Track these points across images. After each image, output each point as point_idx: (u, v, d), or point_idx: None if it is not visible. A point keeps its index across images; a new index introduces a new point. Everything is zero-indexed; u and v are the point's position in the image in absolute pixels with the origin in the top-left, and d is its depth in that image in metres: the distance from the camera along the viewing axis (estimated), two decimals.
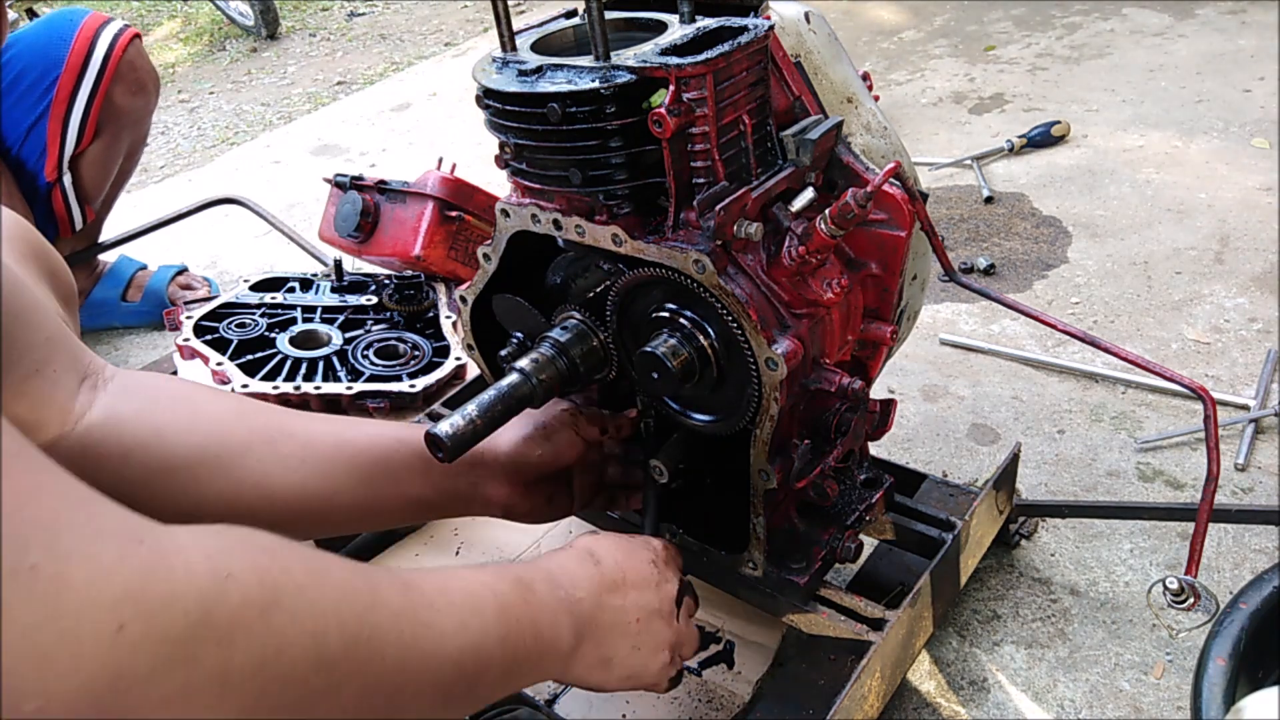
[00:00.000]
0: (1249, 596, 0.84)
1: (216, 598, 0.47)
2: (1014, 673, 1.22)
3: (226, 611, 0.47)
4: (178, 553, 0.47)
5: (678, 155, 0.88)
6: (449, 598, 0.65)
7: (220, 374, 1.64)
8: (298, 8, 5.02)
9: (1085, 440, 1.57)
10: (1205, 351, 1.75)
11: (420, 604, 0.61)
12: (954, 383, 1.74)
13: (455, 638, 0.63)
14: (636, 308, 1.00)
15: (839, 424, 1.00)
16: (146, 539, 0.46)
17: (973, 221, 2.26)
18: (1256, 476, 1.47)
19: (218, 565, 0.48)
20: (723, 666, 1.22)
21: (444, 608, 0.63)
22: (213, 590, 0.47)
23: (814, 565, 1.08)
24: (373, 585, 0.59)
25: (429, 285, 1.90)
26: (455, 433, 0.89)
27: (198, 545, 0.48)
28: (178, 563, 0.46)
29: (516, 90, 0.89)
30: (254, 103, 3.88)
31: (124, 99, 1.98)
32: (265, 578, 0.50)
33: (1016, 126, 2.64)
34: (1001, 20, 3.45)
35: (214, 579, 0.47)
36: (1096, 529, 1.40)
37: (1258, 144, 2.42)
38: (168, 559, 0.46)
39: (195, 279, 2.33)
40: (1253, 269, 1.95)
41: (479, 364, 1.21)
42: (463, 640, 0.63)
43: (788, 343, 0.90)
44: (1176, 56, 2.97)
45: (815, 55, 1.02)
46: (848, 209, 0.88)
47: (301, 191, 2.90)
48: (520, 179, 0.99)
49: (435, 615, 0.62)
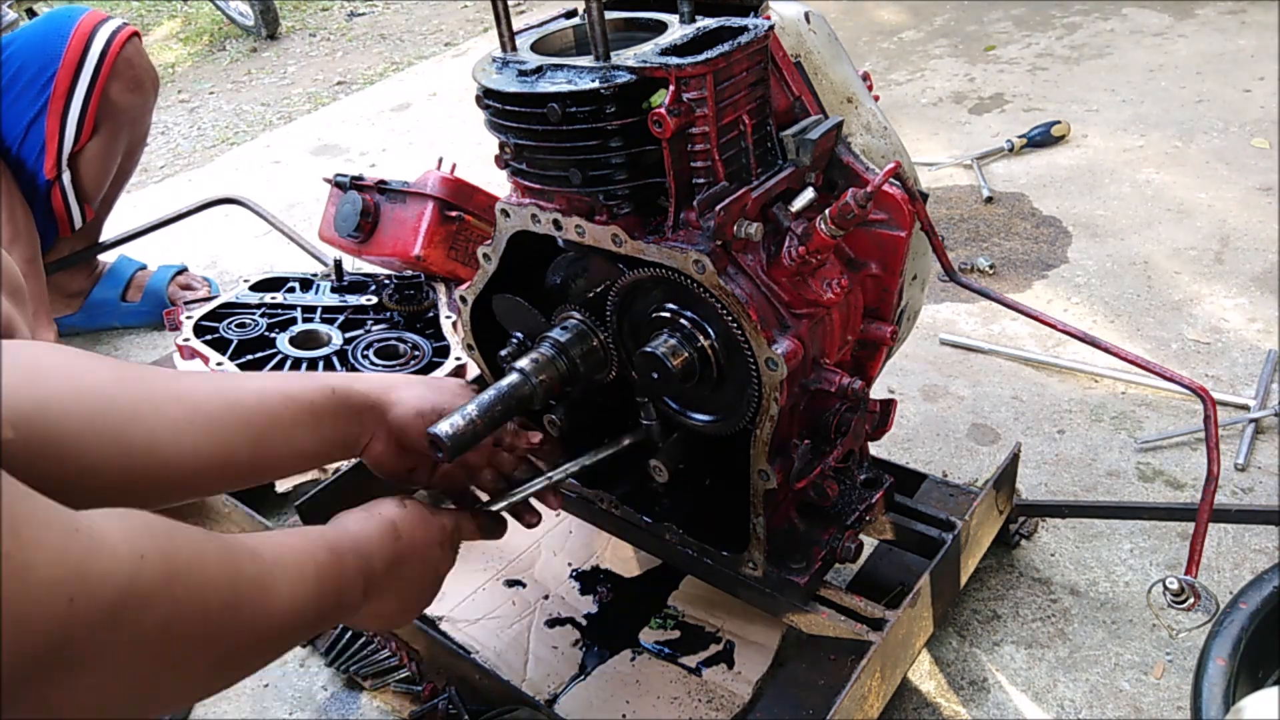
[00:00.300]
0: (1249, 596, 0.84)
1: (136, 573, 0.60)
2: (1014, 673, 1.22)
3: (144, 584, 0.61)
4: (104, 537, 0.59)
5: (678, 155, 0.88)
6: (284, 566, 0.78)
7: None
8: (298, 8, 5.02)
9: (1085, 440, 1.57)
10: (1205, 351, 1.75)
11: (263, 572, 0.76)
12: (954, 383, 1.74)
13: (287, 600, 0.77)
14: (636, 308, 1.00)
15: (839, 424, 1.00)
16: (80, 527, 0.58)
17: (973, 221, 2.26)
18: (1256, 476, 1.47)
19: (134, 547, 0.61)
20: (723, 666, 1.22)
21: (280, 575, 0.77)
22: (132, 568, 0.60)
23: (814, 565, 1.08)
24: (234, 558, 0.73)
25: (429, 285, 1.90)
26: (455, 432, 0.89)
27: (117, 529, 0.61)
28: (105, 545, 0.59)
29: (516, 90, 0.89)
30: (254, 103, 3.88)
31: (121, 95, 1.98)
32: (167, 556, 0.64)
33: (1016, 126, 2.64)
34: (1001, 20, 3.45)
35: (133, 559, 0.61)
36: (1096, 529, 1.40)
37: (1258, 144, 2.42)
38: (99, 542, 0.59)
39: (195, 279, 2.33)
40: (1253, 269, 1.95)
41: (479, 364, 1.21)
42: (293, 599, 0.78)
43: (788, 343, 0.90)
44: (1176, 56, 2.97)
45: (815, 55, 1.02)
46: (848, 209, 0.88)
47: (301, 191, 2.90)
48: (520, 179, 0.99)
49: (275, 581, 0.76)
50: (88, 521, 0.60)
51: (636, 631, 1.28)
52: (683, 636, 1.26)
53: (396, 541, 0.94)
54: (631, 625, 1.29)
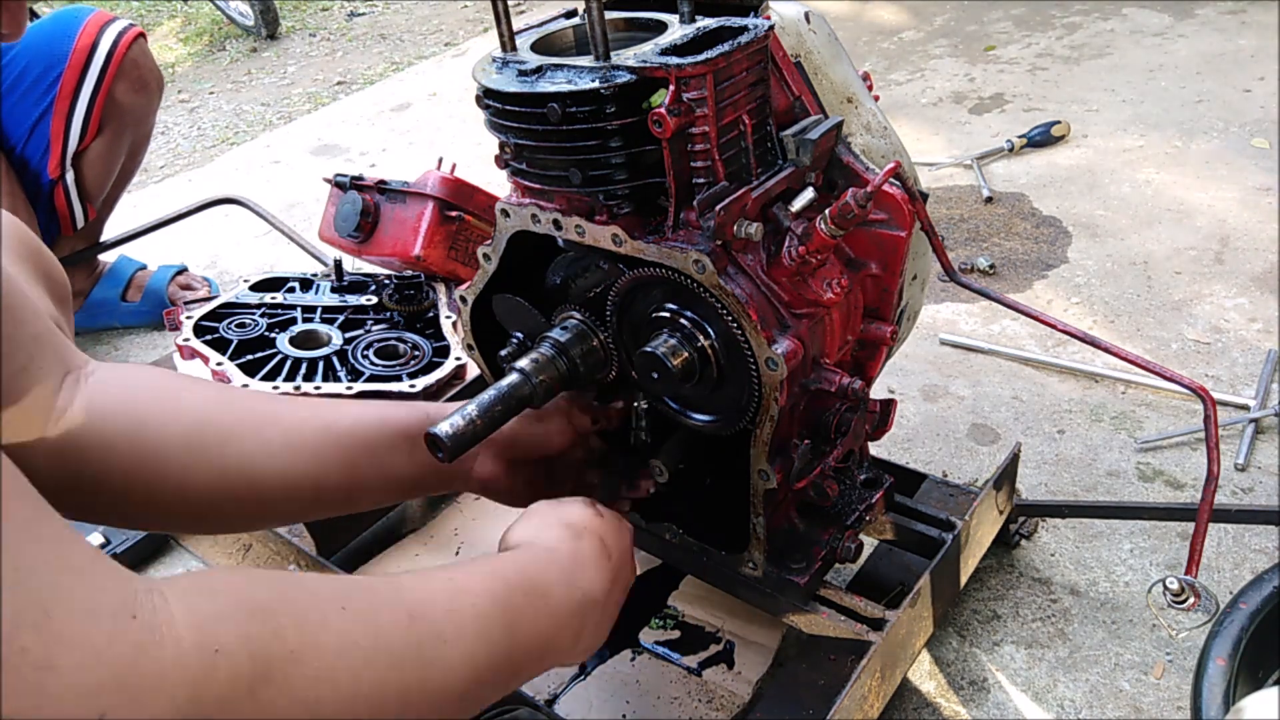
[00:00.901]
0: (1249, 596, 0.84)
1: (204, 678, 0.46)
2: (1014, 673, 1.22)
3: (214, 692, 0.46)
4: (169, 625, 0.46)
5: (678, 155, 0.88)
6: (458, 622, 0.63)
7: (220, 374, 1.64)
8: (298, 8, 5.02)
9: (1085, 440, 1.57)
10: (1205, 351, 1.75)
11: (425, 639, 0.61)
12: (954, 383, 1.74)
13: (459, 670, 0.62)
14: (636, 308, 1.00)
15: (839, 424, 1.00)
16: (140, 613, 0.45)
17: (973, 221, 2.26)
18: (1256, 476, 1.47)
19: (207, 639, 0.47)
20: (723, 666, 1.22)
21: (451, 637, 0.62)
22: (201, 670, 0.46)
23: (814, 565, 1.08)
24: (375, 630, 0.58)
25: (429, 285, 1.90)
26: (455, 432, 0.89)
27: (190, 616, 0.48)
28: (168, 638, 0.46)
29: (516, 90, 0.89)
30: (254, 103, 3.88)
31: (126, 96, 1.98)
32: (255, 648, 0.49)
33: (1016, 126, 2.64)
34: (1001, 20, 3.45)
35: (202, 656, 0.46)
36: (1096, 529, 1.40)
37: (1258, 144, 2.42)
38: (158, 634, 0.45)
39: (195, 279, 2.33)
40: (1253, 269, 1.95)
41: (479, 364, 1.21)
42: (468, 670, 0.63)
43: (788, 343, 0.90)
44: (1176, 56, 2.97)
45: (815, 55, 1.02)
46: (848, 209, 0.88)
47: (301, 191, 2.90)
48: (520, 179, 0.99)
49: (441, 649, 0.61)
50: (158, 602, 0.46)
51: (636, 631, 1.28)
52: (683, 636, 1.26)
53: (610, 560, 0.83)
54: (631, 625, 1.29)
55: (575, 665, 0.86)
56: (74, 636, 0.41)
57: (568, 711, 1.18)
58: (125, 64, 1.96)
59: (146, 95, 2.04)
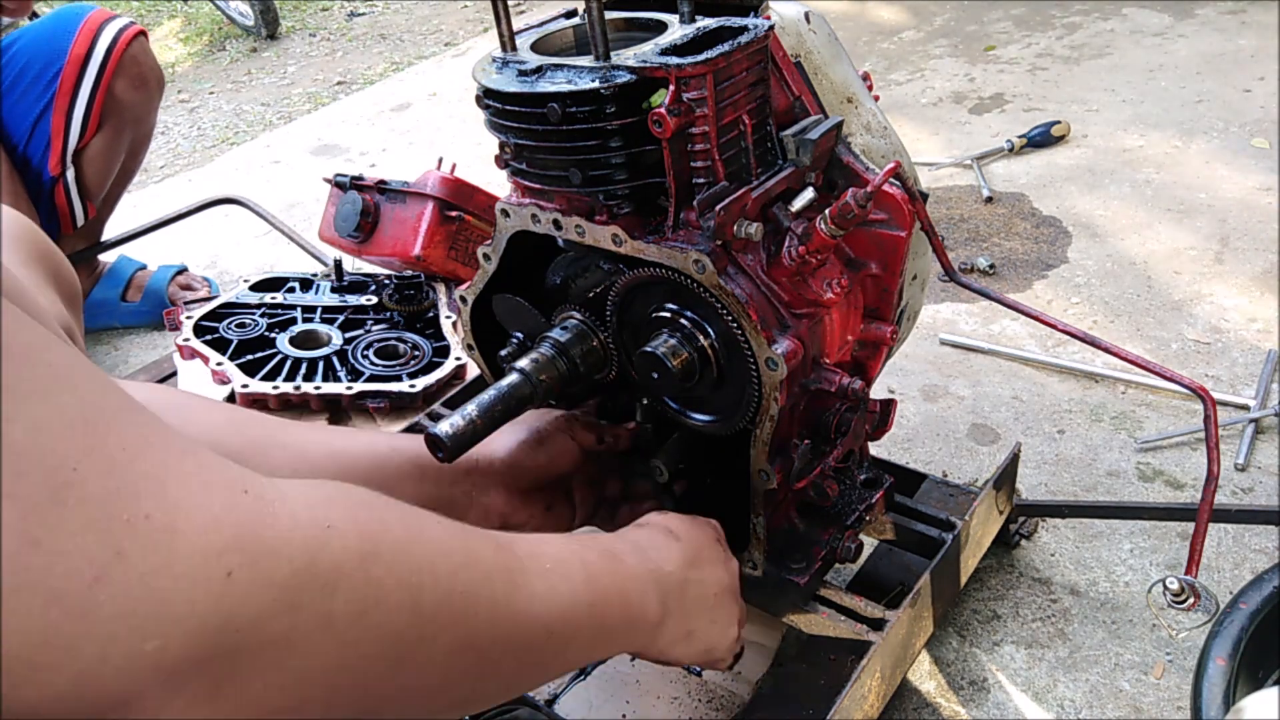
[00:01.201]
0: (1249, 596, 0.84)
1: (319, 546, 0.48)
2: (1014, 673, 1.22)
3: (329, 560, 0.49)
4: (282, 502, 0.49)
5: (678, 155, 0.88)
6: (539, 562, 0.66)
7: (220, 374, 1.64)
8: (298, 8, 5.02)
9: (1085, 440, 1.57)
10: (1205, 351, 1.75)
11: (513, 565, 0.63)
12: (954, 383, 1.74)
13: (544, 600, 0.65)
14: (636, 308, 1.00)
15: (839, 424, 1.00)
16: (251, 488, 0.48)
17: (973, 221, 2.26)
18: (1256, 476, 1.47)
19: (319, 515, 0.50)
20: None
21: (535, 571, 0.65)
22: (315, 539, 0.49)
23: (814, 565, 1.08)
24: (467, 543, 0.61)
25: (429, 285, 1.90)
26: (455, 432, 0.89)
27: (300, 496, 0.50)
28: (282, 511, 0.48)
29: (516, 90, 0.89)
30: (254, 103, 3.88)
31: (126, 92, 1.98)
32: (365, 529, 0.52)
33: (1016, 126, 2.64)
34: (1001, 20, 3.45)
35: (316, 528, 0.49)
36: (1096, 529, 1.40)
37: (1258, 144, 2.42)
38: (272, 507, 0.48)
39: (195, 279, 2.33)
40: (1253, 269, 1.95)
41: (479, 364, 1.21)
42: (552, 603, 0.65)
43: (788, 343, 0.90)
44: (1176, 56, 2.97)
45: (815, 55, 1.02)
46: (848, 209, 0.88)
47: (301, 191, 2.90)
48: (520, 179, 0.99)
49: (526, 578, 0.64)
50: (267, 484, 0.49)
51: None
52: None
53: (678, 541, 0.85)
54: None
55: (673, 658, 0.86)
56: (193, 504, 0.44)
57: (568, 711, 1.18)
58: (125, 60, 1.96)
59: (146, 92, 2.04)
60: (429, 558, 0.56)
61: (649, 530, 0.87)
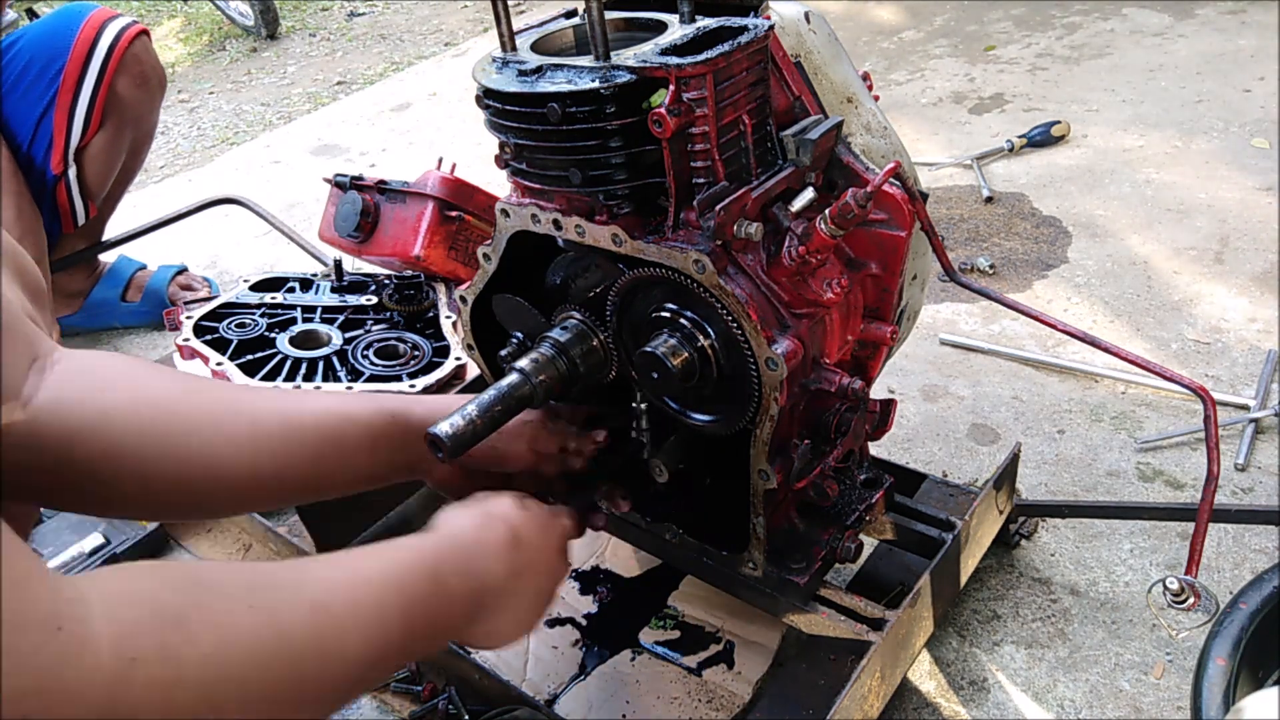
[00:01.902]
0: (1249, 596, 0.84)
1: (122, 685, 0.50)
2: (1014, 673, 1.22)
3: (130, 698, 0.51)
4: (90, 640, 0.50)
5: (678, 155, 0.88)
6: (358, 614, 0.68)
7: (220, 374, 1.64)
8: (298, 8, 5.02)
9: (1085, 440, 1.57)
10: (1205, 351, 1.75)
11: (328, 630, 0.65)
12: (954, 383, 1.74)
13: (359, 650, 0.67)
14: (636, 308, 1.00)
15: (839, 424, 1.00)
16: (64, 624, 0.49)
17: (973, 221, 2.26)
18: (1256, 476, 1.47)
19: (125, 649, 0.51)
20: (723, 666, 1.22)
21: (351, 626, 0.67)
22: (117, 677, 0.50)
23: (814, 565, 1.08)
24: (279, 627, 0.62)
25: (429, 285, 1.90)
26: (455, 432, 0.89)
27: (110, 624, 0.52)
28: (88, 650, 0.50)
29: (516, 90, 0.89)
30: (254, 103, 3.88)
31: (128, 90, 1.98)
32: (169, 654, 0.53)
33: (1016, 126, 2.64)
34: (1001, 20, 3.45)
35: (119, 665, 0.51)
36: (1096, 529, 1.40)
37: (1258, 144, 2.42)
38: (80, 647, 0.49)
39: (195, 279, 2.33)
40: (1253, 269, 1.95)
41: (479, 364, 1.21)
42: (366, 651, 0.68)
43: (788, 343, 0.90)
44: (1176, 56, 2.97)
45: (815, 55, 1.02)
46: (848, 209, 0.88)
47: (301, 191, 2.90)
48: (520, 179, 0.99)
49: (341, 640, 0.66)
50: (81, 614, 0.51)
51: (636, 632, 1.28)
52: (683, 636, 1.26)
53: (517, 552, 0.86)
54: (631, 625, 1.29)
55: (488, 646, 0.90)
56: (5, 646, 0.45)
57: (568, 711, 1.18)
58: (126, 59, 1.96)
59: (148, 91, 2.04)
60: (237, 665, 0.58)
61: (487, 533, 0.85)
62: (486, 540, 0.84)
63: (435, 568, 0.78)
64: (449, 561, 0.80)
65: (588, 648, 1.27)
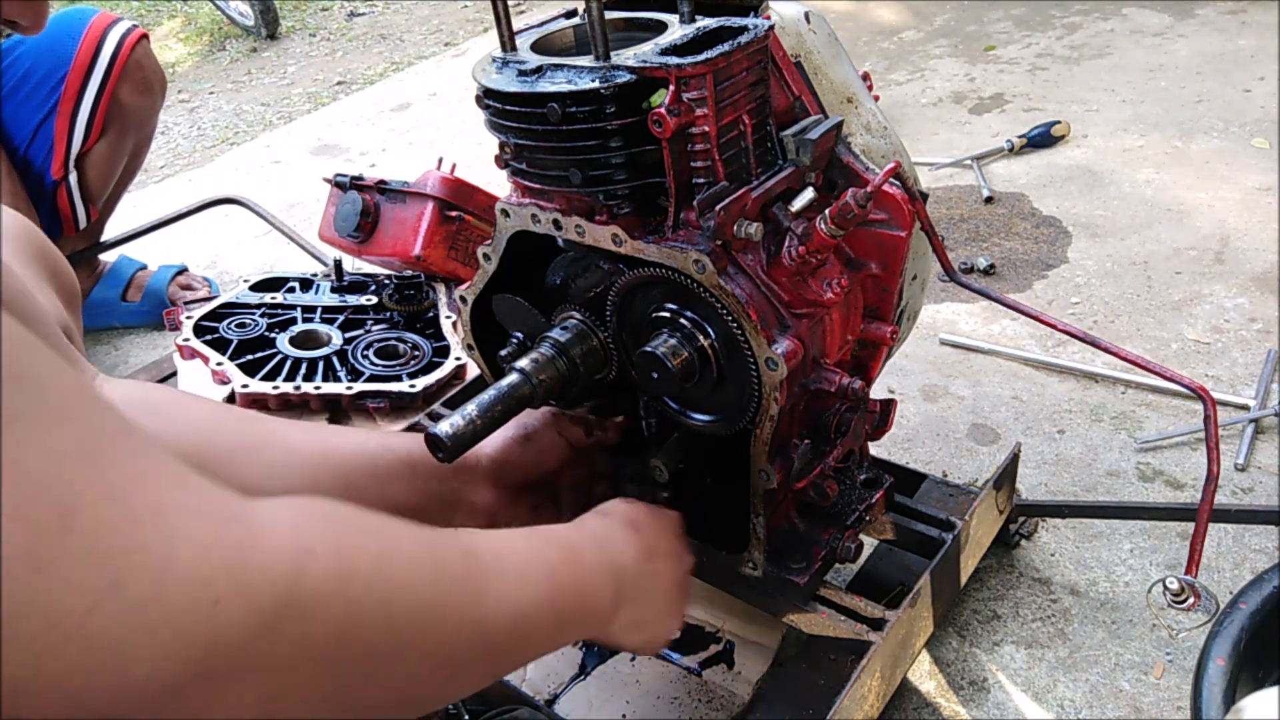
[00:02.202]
0: (1249, 596, 0.84)
1: (300, 572, 0.51)
2: (1014, 673, 1.22)
3: (309, 585, 0.51)
4: (266, 529, 0.51)
5: (678, 155, 0.88)
6: (504, 565, 0.69)
7: (220, 374, 1.64)
8: (298, 8, 5.02)
9: (1085, 440, 1.57)
10: (1205, 351, 1.75)
11: (478, 572, 0.66)
12: (954, 383, 1.74)
13: (508, 603, 0.68)
14: (636, 308, 1.00)
15: (839, 424, 1.00)
16: (239, 516, 0.50)
17: (973, 221, 2.26)
18: (1256, 476, 1.47)
19: (300, 541, 0.52)
20: (723, 666, 1.22)
21: (499, 575, 0.68)
22: (297, 566, 0.51)
23: (814, 565, 1.08)
24: (436, 554, 0.64)
25: (429, 285, 1.90)
26: (455, 433, 0.89)
27: (283, 519, 0.53)
28: (266, 540, 0.50)
29: (516, 90, 0.89)
30: (254, 103, 3.88)
31: (130, 98, 1.99)
32: (342, 551, 0.54)
33: (1016, 126, 2.64)
34: (1001, 20, 3.45)
35: (297, 555, 0.51)
36: (1096, 529, 1.40)
37: (1258, 144, 2.42)
38: (258, 536, 0.50)
39: (195, 279, 2.33)
40: (1253, 269, 1.95)
41: (479, 364, 1.21)
42: (515, 606, 0.68)
43: (788, 343, 0.90)
44: (1176, 56, 2.97)
45: (815, 55, 1.02)
46: (848, 209, 0.88)
47: (301, 191, 2.90)
48: (520, 179, 0.99)
49: (491, 583, 0.67)
50: (252, 510, 0.52)
51: None
52: (683, 636, 1.26)
53: (640, 535, 0.88)
54: None
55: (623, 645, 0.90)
56: (185, 534, 0.46)
57: (568, 711, 1.18)
58: (129, 66, 1.96)
59: (150, 97, 2.04)
60: (401, 573, 0.59)
61: (609, 521, 0.88)
62: (611, 524, 0.87)
63: (568, 542, 0.79)
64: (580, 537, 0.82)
65: (588, 647, 1.27)
